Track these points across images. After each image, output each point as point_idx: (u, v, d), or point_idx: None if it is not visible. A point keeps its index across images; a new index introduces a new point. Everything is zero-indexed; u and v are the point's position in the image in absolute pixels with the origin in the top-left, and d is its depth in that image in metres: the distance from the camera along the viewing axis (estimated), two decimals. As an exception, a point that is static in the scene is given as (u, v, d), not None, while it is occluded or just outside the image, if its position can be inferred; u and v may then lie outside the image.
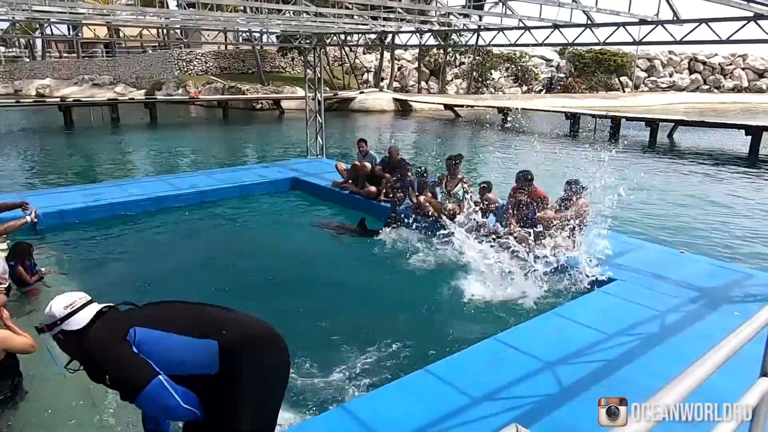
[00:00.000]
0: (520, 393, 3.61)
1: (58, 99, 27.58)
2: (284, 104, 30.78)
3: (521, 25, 8.26)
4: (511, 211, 6.69)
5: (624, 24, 7.27)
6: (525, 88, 42.05)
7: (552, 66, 44.88)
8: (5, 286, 4.94)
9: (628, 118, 22.83)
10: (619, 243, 6.56)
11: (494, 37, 9.19)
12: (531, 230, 6.35)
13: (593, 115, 23.81)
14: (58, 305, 2.16)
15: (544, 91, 42.33)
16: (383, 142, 19.79)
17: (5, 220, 5.60)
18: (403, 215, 7.80)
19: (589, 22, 7.42)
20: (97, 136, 22.18)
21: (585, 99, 35.13)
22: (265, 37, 14.26)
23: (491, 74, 41.20)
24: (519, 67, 42.05)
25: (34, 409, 3.71)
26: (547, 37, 8.04)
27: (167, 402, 2.04)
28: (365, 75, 40.82)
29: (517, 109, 27.80)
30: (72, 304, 2.17)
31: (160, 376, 2.03)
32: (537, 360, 3.97)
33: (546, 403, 3.47)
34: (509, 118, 26.48)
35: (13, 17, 9.29)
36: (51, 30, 35.60)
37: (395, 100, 32.62)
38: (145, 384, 2.00)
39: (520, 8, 7.79)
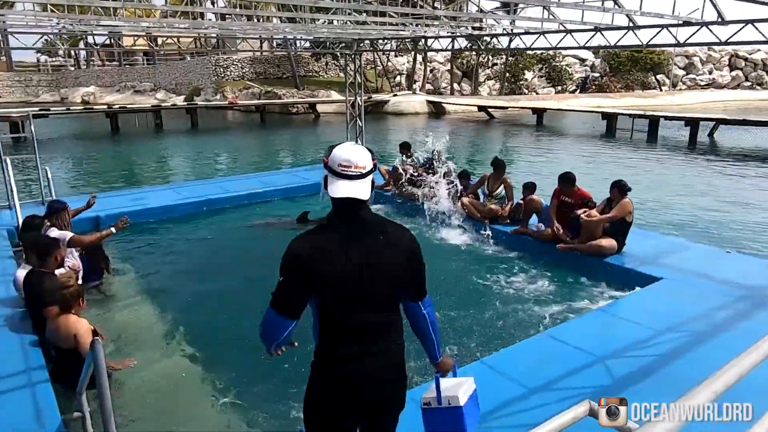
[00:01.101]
0: (572, 385, 3.79)
1: (105, 106, 28.66)
2: (319, 108, 31.30)
3: (562, 28, 8.39)
4: (554, 212, 6.82)
5: (667, 26, 7.33)
6: (559, 88, 41.67)
7: (586, 65, 44.34)
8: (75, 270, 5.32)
9: (666, 118, 22.48)
10: (665, 243, 6.65)
11: (535, 40, 9.32)
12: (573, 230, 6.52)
13: (630, 115, 23.53)
14: (340, 155, 2.02)
15: (579, 90, 41.86)
16: (417, 144, 19.98)
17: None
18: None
19: (631, 24, 7.50)
20: (143, 141, 23.03)
21: (621, 98, 34.66)
22: (299, 42, 14.66)
23: (524, 75, 40.98)
24: (553, 67, 41.70)
25: (127, 390, 4.09)
26: (589, 40, 8.15)
27: None
28: (397, 78, 41.11)
29: (551, 109, 27.65)
30: (346, 168, 2.00)
31: None
32: (587, 354, 4.13)
33: (598, 395, 3.64)
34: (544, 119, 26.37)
35: (62, 28, 9.80)
36: (93, 40, 37.06)
37: (428, 102, 32.80)
38: None
39: (560, 12, 7.94)
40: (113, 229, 5.58)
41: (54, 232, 5.30)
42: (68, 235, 5.32)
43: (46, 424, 3.32)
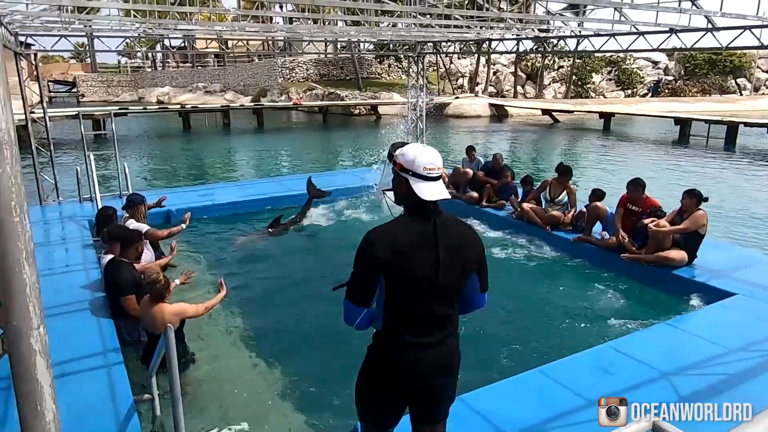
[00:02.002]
0: (634, 399, 3.66)
1: (178, 106, 30.07)
2: (381, 109, 31.56)
3: (634, 30, 8.10)
4: (619, 220, 6.59)
5: (750, 27, 6.94)
6: (628, 91, 40.11)
7: (659, 68, 42.45)
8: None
9: (746, 124, 21.19)
10: (740, 256, 6.30)
11: (604, 43, 9.04)
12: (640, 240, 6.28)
13: (706, 121, 22.32)
14: (423, 159, 2.09)
15: (650, 94, 40.13)
16: (479, 147, 19.77)
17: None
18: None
19: (710, 26, 7.15)
20: (212, 139, 24.00)
21: (696, 103, 32.94)
22: (362, 44, 14.86)
23: (592, 78, 39.72)
24: (623, 70, 40.18)
25: (201, 374, 4.30)
26: (663, 42, 7.82)
27: None
28: (460, 80, 40.84)
29: (620, 114, 26.65)
30: (431, 170, 2.10)
31: None
32: (652, 368, 3.98)
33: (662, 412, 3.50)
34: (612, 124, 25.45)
35: (142, 31, 10.39)
36: (170, 43, 38.88)
37: (491, 105, 32.39)
38: None
39: (632, 13, 7.67)
40: (183, 225, 5.87)
41: (132, 224, 5.63)
42: (145, 227, 5.64)
43: (119, 404, 3.54)
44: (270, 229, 8.01)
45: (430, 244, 2.08)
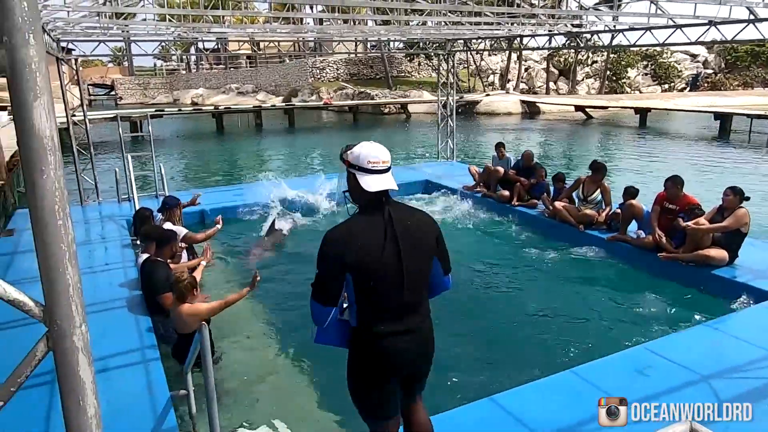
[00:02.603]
0: (718, 415, 3.56)
1: (212, 107, 30.64)
2: (411, 108, 31.51)
3: (671, 23, 7.88)
4: (656, 218, 6.43)
5: (795, 18, 6.68)
6: (665, 86, 39.03)
7: (698, 61, 41.18)
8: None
9: (792, 118, 20.39)
10: (785, 257, 6.05)
11: (640, 37, 8.83)
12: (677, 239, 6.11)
13: (748, 115, 21.55)
14: (367, 154, 2.20)
15: (688, 89, 38.97)
16: (510, 144, 19.56)
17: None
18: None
19: (752, 17, 6.90)
20: (245, 139, 24.37)
21: (737, 97, 31.82)
22: (392, 43, 14.87)
23: (627, 72, 38.79)
24: (659, 64, 39.13)
25: (228, 373, 4.39)
26: (702, 35, 7.59)
27: None
28: (491, 77, 40.44)
29: (656, 109, 25.96)
30: (375, 163, 2.19)
31: None
32: (690, 371, 3.87)
33: (701, 416, 3.41)
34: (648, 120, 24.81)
35: (177, 35, 10.61)
36: (203, 45, 39.62)
37: (522, 102, 31.97)
38: None
39: (669, 6, 7.47)
40: (218, 227, 5.99)
41: (167, 226, 5.77)
42: (182, 231, 5.76)
43: (156, 399, 3.64)
44: (265, 237, 7.77)
45: (388, 235, 2.16)
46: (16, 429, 3.29)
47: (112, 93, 48.60)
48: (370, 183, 2.16)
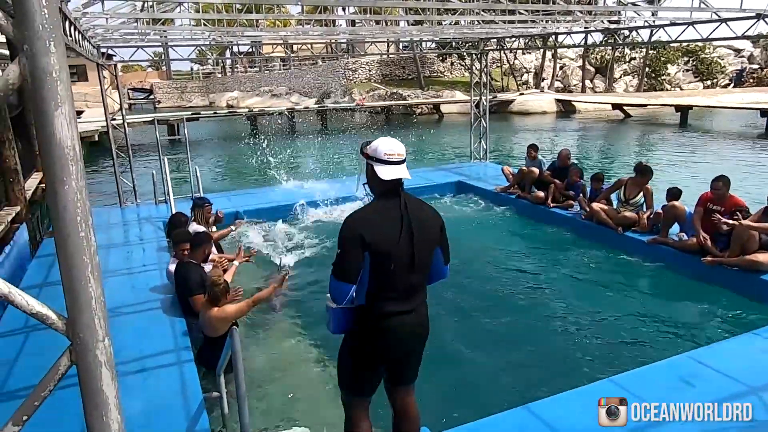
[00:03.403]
0: (718, 415, 3.41)
1: (246, 109, 31.08)
2: (443, 108, 31.31)
3: (715, 17, 7.58)
4: (699, 220, 6.17)
5: None
6: (708, 82, 37.72)
7: (742, 56, 39.65)
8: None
9: None
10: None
11: (682, 32, 8.52)
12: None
13: (798, 112, 20.62)
14: (383, 147, 2.40)
15: (732, 85, 37.56)
16: (545, 144, 19.21)
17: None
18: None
19: (803, 9, 6.57)
20: (278, 141, 24.64)
21: (785, 93, 30.45)
22: (424, 43, 14.76)
23: (667, 69, 37.65)
24: (701, 60, 37.84)
25: (255, 374, 4.40)
26: (748, 29, 7.27)
27: None
28: (524, 76, 39.83)
29: (698, 106, 25.07)
30: (390, 155, 2.39)
31: None
32: (737, 382, 3.69)
33: (752, 430, 3.23)
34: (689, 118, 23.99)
35: (212, 39, 10.79)
36: (238, 49, 40.23)
37: (557, 100, 31.37)
38: None
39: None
40: (232, 228, 6.04)
41: (192, 226, 5.83)
42: (201, 229, 5.83)
43: (189, 400, 3.67)
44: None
45: (404, 221, 2.37)
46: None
47: (151, 97, 49.86)
48: (386, 172, 2.37)
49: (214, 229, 6.53)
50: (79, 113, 27.56)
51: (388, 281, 2.41)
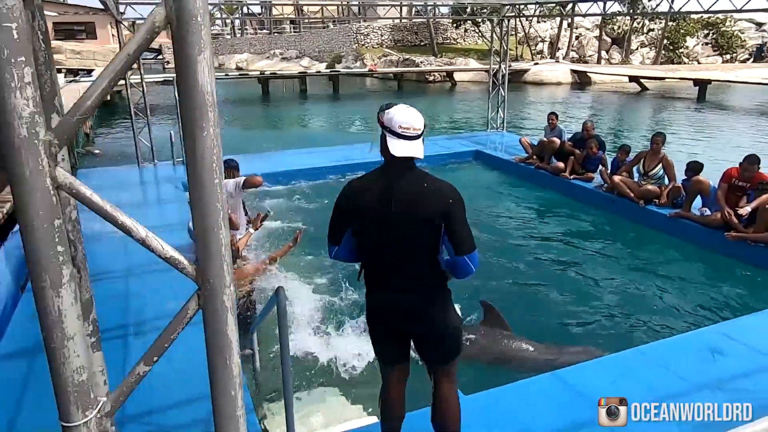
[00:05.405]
0: (746, 387, 3.45)
1: (258, 72, 30.75)
2: (456, 76, 30.87)
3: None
4: (724, 195, 6.14)
5: None
6: (727, 56, 36.93)
7: (764, 30, 38.70)
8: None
9: None
10: None
11: (714, 3, 8.29)
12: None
13: (819, 89, 20.23)
14: (399, 118, 2.23)
15: (752, 60, 36.78)
16: (559, 116, 18.96)
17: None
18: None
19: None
20: (290, 105, 24.48)
21: (807, 69, 29.83)
22: (439, 9, 14.43)
23: (685, 42, 36.83)
24: (721, 33, 36.96)
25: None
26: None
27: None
28: (539, 45, 39.10)
29: (717, 81, 24.60)
30: (406, 129, 2.22)
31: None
32: (765, 356, 3.73)
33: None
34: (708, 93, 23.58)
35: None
36: (248, 9, 39.53)
37: (572, 71, 30.83)
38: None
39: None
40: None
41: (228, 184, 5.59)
42: (242, 179, 5.37)
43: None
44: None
45: (385, 194, 2.23)
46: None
47: (160, 57, 49.31)
48: (397, 147, 2.21)
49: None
50: (89, 71, 27.36)
51: (368, 256, 2.38)
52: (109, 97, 19.97)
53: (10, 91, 0.72)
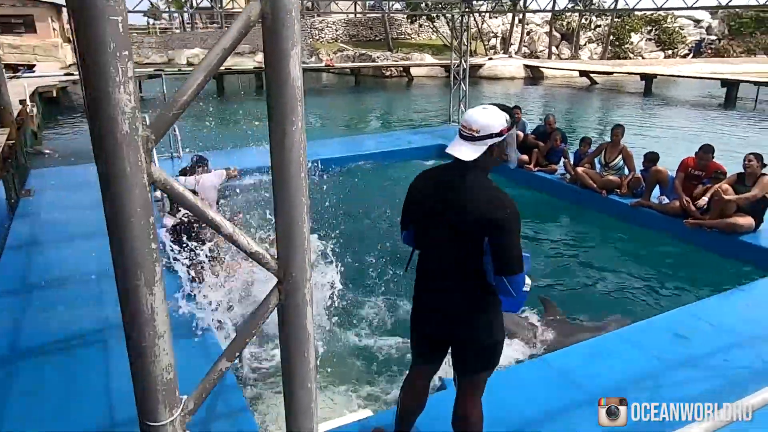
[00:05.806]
0: (714, 364, 3.67)
1: (209, 67, 29.89)
2: (413, 71, 31.04)
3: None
4: (681, 184, 6.46)
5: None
6: (669, 52, 38.61)
7: (701, 27, 40.65)
8: None
9: (799, 87, 20.29)
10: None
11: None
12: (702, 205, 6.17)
13: (755, 83, 21.41)
14: (464, 118, 2.21)
15: (692, 55, 38.60)
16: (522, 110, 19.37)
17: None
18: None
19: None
20: (246, 101, 24.00)
21: (741, 64, 31.52)
22: (393, 4, 14.50)
23: (630, 37, 38.28)
24: (663, 30, 38.60)
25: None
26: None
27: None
28: (492, 40, 39.78)
29: (662, 75, 25.70)
30: (463, 128, 2.19)
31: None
32: (732, 333, 3.96)
33: (743, 377, 3.49)
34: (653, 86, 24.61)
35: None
36: (196, 3, 38.49)
37: (525, 66, 31.55)
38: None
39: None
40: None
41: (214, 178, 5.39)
42: (223, 171, 5.38)
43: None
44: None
45: (439, 192, 2.23)
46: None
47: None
48: (451, 144, 2.21)
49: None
50: (31, 67, 26.04)
51: (421, 245, 2.36)
52: (54, 94, 19.07)
53: (115, 85, 0.71)
